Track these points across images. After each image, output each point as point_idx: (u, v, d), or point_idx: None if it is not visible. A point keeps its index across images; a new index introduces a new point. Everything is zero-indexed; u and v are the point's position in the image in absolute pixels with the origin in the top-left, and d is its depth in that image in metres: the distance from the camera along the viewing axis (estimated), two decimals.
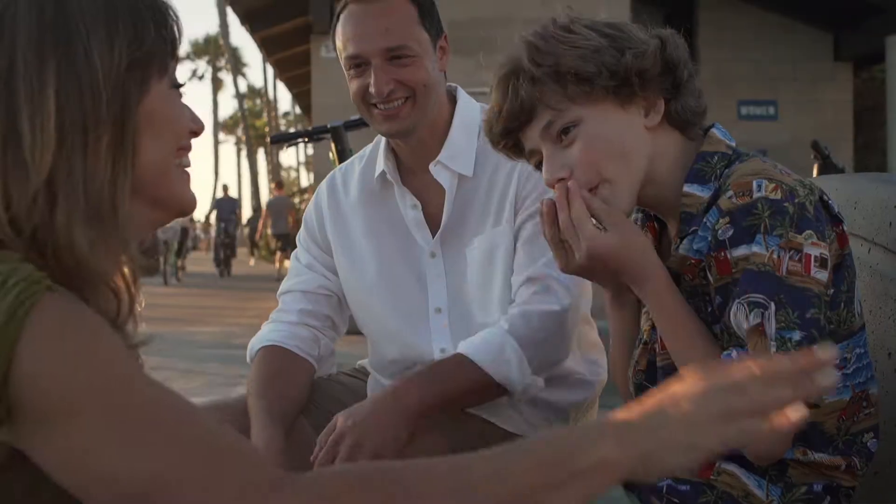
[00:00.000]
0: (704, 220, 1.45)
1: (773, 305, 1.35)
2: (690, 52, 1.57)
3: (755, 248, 1.37)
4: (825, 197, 1.46)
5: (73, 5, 1.13)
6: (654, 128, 1.51)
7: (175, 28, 1.21)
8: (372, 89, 1.99)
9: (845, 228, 1.48)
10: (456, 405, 1.98)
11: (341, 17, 2.05)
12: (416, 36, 2.01)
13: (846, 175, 1.89)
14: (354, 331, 2.31)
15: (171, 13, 1.21)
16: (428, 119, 2.06)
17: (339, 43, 2.05)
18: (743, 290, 1.37)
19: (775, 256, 1.36)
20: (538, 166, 1.55)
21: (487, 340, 1.97)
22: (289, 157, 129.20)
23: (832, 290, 1.43)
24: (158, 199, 1.22)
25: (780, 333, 1.34)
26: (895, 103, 12.51)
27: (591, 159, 1.48)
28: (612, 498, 1.51)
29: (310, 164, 32.94)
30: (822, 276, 1.38)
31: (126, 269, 1.13)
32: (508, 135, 1.55)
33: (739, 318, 1.37)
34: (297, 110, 47.64)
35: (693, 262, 1.48)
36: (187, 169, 1.27)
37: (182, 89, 1.26)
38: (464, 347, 1.97)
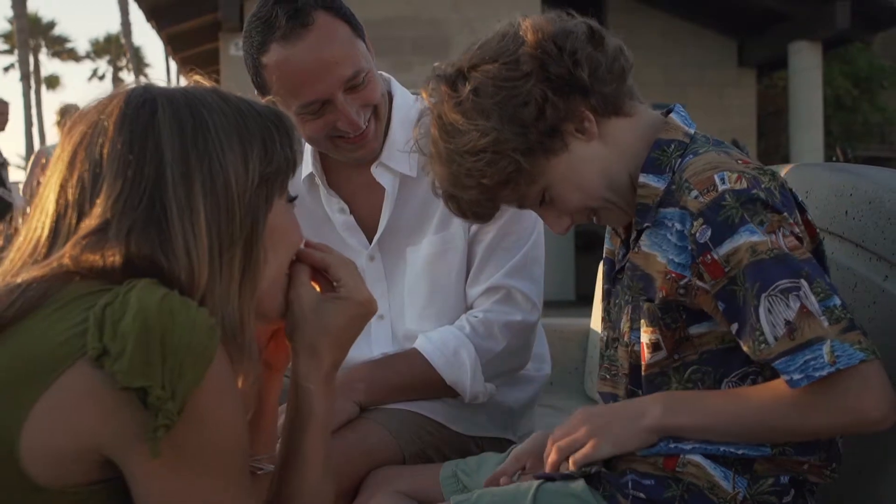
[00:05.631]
0: (682, 228, 1.37)
1: (803, 282, 1.27)
2: None
3: (753, 238, 1.30)
4: (786, 185, 1.42)
5: (209, 120, 1.10)
6: (593, 133, 1.46)
7: (298, 144, 1.20)
8: (342, 126, 1.86)
9: (809, 217, 1.44)
10: (403, 397, 1.93)
11: (266, 64, 1.82)
12: (359, 50, 1.86)
13: (795, 165, 1.88)
14: None
15: (294, 129, 1.20)
16: None
17: (280, 91, 1.81)
18: (762, 285, 1.28)
19: (772, 239, 1.30)
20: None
21: (445, 341, 1.91)
22: None
23: None
24: (263, 312, 1.21)
25: (824, 304, 1.26)
26: (797, 109, 12.85)
27: (578, 205, 1.49)
28: (576, 495, 1.46)
29: None
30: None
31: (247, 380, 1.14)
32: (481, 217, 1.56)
33: (777, 311, 1.27)
34: None
35: (674, 275, 1.39)
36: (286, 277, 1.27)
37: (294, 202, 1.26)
38: (421, 343, 1.91)
